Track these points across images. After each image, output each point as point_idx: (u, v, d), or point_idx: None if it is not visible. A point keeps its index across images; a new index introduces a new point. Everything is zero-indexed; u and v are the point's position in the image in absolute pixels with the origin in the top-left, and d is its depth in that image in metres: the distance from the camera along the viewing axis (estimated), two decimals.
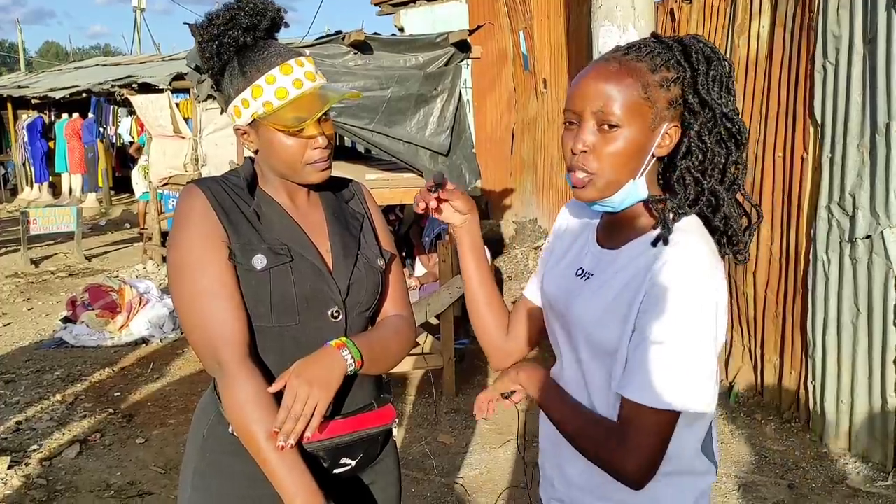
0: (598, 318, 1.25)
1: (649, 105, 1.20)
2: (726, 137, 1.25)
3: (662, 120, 1.22)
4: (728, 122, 1.24)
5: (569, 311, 1.32)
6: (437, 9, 11.75)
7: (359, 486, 1.55)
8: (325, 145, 1.43)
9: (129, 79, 11.89)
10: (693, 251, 1.19)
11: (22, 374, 5.07)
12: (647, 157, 1.23)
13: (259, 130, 1.43)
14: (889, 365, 3.32)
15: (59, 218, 8.85)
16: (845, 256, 3.48)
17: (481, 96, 10.84)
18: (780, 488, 3.35)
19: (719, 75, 1.24)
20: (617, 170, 1.23)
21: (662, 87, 1.21)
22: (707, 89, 1.23)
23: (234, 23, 1.40)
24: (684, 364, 1.15)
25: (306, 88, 1.40)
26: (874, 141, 3.27)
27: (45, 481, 3.55)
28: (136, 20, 26.20)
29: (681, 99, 1.23)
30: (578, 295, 1.31)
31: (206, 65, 1.46)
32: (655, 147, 1.24)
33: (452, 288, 4.44)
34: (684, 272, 1.16)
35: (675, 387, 1.14)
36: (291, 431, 1.30)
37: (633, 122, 1.20)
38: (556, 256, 1.44)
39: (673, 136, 1.24)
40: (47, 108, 15.92)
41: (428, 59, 4.36)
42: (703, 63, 1.23)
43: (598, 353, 1.27)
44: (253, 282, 1.40)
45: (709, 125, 1.25)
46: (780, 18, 3.88)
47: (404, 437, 3.97)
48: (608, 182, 1.23)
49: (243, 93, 1.41)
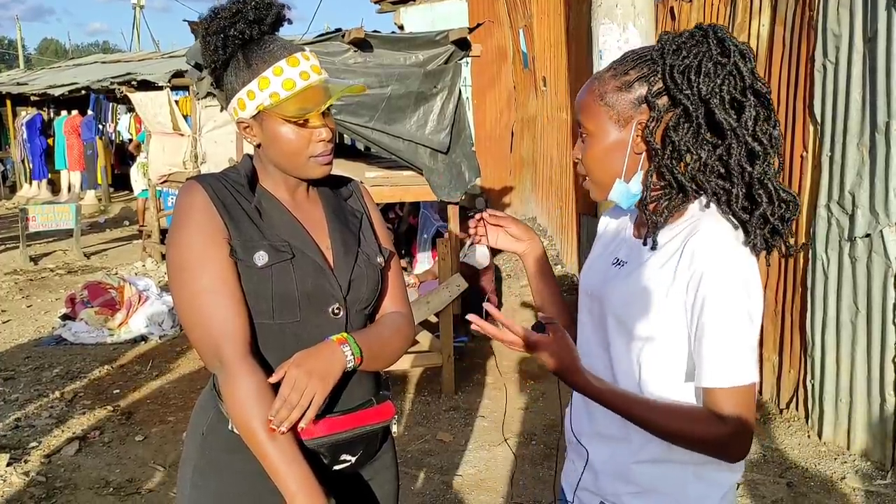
0: (628, 301, 1.30)
1: (607, 109, 1.29)
2: (704, 127, 1.23)
3: (629, 120, 1.28)
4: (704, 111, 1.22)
5: (603, 296, 1.37)
6: (437, 6, 11.75)
7: (359, 482, 1.55)
8: (328, 138, 1.44)
9: (129, 76, 11.87)
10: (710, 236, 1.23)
11: (21, 372, 5.07)
12: (626, 157, 1.30)
13: (263, 123, 1.43)
14: (888, 364, 3.33)
15: (58, 215, 8.85)
16: (845, 255, 3.48)
17: (481, 94, 10.84)
18: (778, 487, 3.35)
19: (692, 65, 1.22)
20: (598, 172, 1.34)
21: (622, 90, 1.28)
22: (676, 82, 1.23)
23: (240, 16, 1.40)
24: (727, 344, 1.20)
25: (312, 81, 1.40)
26: (874, 140, 3.27)
27: (44, 478, 3.55)
28: (136, 17, 26.21)
29: (651, 96, 1.25)
30: (612, 280, 1.36)
31: (209, 58, 1.45)
32: (632, 146, 1.29)
33: (452, 286, 4.44)
34: (708, 258, 1.21)
35: (729, 364, 1.20)
36: (286, 419, 1.30)
37: (597, 128, 1.31)
38: (596, 253, 1.50)
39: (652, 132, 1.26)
40: (46, 106, 15.90)
41: (428, 57, 4.35)
42: (671, 55, 1.24)
43: (627, 336, 1.31)
44: (254, 278, 1.40)
45: (682, 118, 1.24)
46: (780, 17, 3.88)
47: (403, 434, 3.98)
48: (597, 184, 1.35)
49: (249, 84, 1.40)
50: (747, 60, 1.22)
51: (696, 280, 1.22)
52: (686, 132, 1.24)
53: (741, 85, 1.22)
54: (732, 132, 1.22)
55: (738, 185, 1.24)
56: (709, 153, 1.24)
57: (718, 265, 1.21)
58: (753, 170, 1.23)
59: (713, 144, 1.24)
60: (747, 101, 1.22)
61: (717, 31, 1.23)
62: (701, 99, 1.22)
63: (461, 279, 4.46)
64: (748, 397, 1.22)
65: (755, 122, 1.22)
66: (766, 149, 1.23)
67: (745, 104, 1.22)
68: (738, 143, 1.22)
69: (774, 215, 1.24)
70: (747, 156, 1.23)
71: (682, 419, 1.25)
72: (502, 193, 9.88)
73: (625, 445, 1.34)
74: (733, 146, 1.22)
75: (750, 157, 1.23)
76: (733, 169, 1.23)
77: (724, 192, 1.25)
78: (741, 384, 1.21)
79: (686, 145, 1.24)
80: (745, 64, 1.22)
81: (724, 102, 1.21)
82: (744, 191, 1.24)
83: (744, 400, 1.21)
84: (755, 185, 1.24)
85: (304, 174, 1.47)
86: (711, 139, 1.24)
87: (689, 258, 1.23)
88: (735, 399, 1.21)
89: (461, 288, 4.46)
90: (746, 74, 1.21)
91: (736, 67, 1.21)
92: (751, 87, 1.22)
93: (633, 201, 1.32)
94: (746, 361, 1.21)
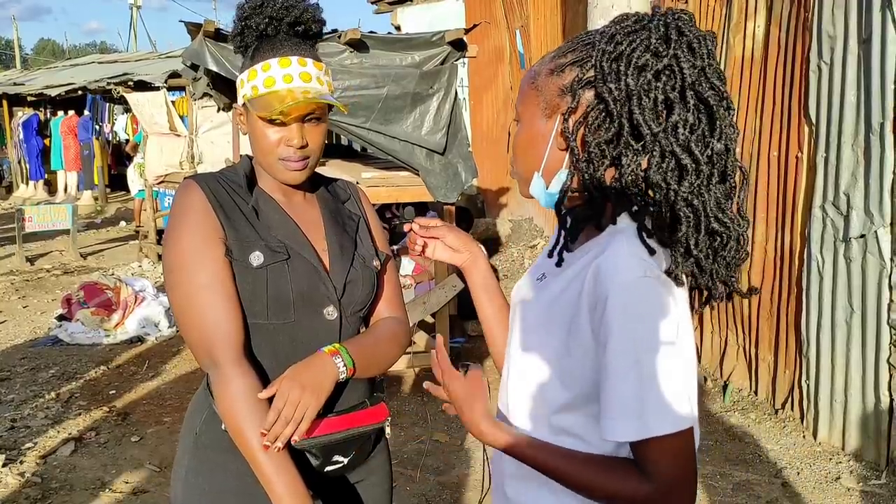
0: (537, 322, 1.15)
1: (536, 93, 1.13)
2: (628, 130, 1.03)
3: (554, 110, 1.11)
4: (627, 110, 1.03)
5: (516, 316, 1.22)
6: (434, 7, 11.76)
7: (347, 487, 1.55)
8: (298, 146, 1.42)
9: (126, 76, 11.88)
10: (615, 257, 1.03)
11: (17, 372, 5.06)
12: (546, 151, 1.12)
13: (248, 114, 1.46)
14: (882, 364, 3.33)
15: (55, 216, 8.83)
16: (839, 256, 3.49)
17: (478, 95, 10.84)
18: (773, 486, 3.36)
19: (623, 53, 1.02)
20: (519, 163, 1.18)
21: (553, 74, 1.11)
22: (603, 72, 1.03)
23: (260, 10, 1.44)
24: (638, 386, 1.00)
25: (294, 85, 1.39)
26: (868, 141, 3.28)
27: (39, 479, 3.55)
28: (133, 17, 26.19)
29: (577, 85, 1.07)
30: (526, 297, 1.21)
31: (232, 42, 1.52)
32: (554, 141, 1.12)
33: (448, 287, 4.45)
34: (612, 281, 1.01)
35: (639, 412, 1.01)
36: (279, 435, 1.31)
37: (524, 113, 1.16)
38: (535, 263, 1.30)
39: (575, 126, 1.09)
40: (43, 106, 15.87)
41: (424, 58, 4.35)
42: (605, 40, 1.05)
43: (532, 367, 1.14)
44: (249, 279, 1.40)
45: (603, 116, 1.05)
46: (775, 18, 3.89)
47: (399, 435, 3.98)
48: (519, 175, 1.20)
49: (243, 74, 1.44)
50: (697, 55, 1.01)
51: (601, 306, 1.02)
52: (605, 133, 1.05)
53: (679, 84, 1.01)
54: (653, 139, 1.01)
55: (661, 204, 1.03)
56: (629, 162, 1.03)
57: (623, 292, 1.00)
58: (680, 188, 1.02)
59: (635, 152, 1.03)
60: (679, 104, 1.01)
61: (670, 15, 1.03)
62: (627, 95, 1.02)
63: (457, 280, 4.47)
64: (677, 447, 1.02)
65: (688, 129, 1.01)
66: (699, 164, 1.01)
67: (674, 107, 1.01)
68: (663, 153, 1.02)
69: (698, 246, 1.03)
70: (676, 170, 1.02)
71: (597, 470, 1.06)
72: (499, 194, 9.89)
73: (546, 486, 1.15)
74: (655, 156, 1.02)
75: (678, 172, 1.02)
76: (654, 183, 1.03)
77: (643, 210, 1.06)
78: (660, 434, 1.00)
79: (601, 149, 1.05)
80: (693, 58, 1.01)
81: (651, 102, 1.01)
82: (667, 211, 1.03)
83: (672, 452, 1.01)
84: (679, 205, 1.02)
85: (274, 175, 1.47)
86: (635, 145, 1.03)
87: (593, 279, 1.03)
88: (660, 453, 1.01)
89: (457, 288, 4.46)
90: (688, 71, 1.00)
91: (676, 61, 1.01)
92: (692, 88, 1.01)
93: (550, 202, 1.15)
94: (666, 405, 1.00)
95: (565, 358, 1.09)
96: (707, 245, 1.04)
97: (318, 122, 1.45)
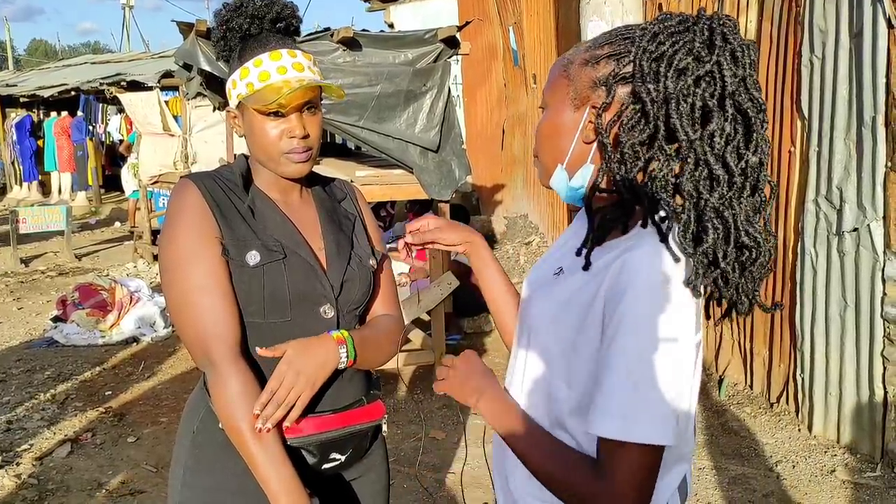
0: (548, 318, 1.13)
1: (568, 82, 1.10)
2: (663, 134, 1.02)
3: (585, 101, 1.09)
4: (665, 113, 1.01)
5: (527, 310, 1.21)
6: (427, 5, 11.74)
7: (344, 485, 1.56)
8: (301, 136, 1.42)
9: (119, 77, 11.85)
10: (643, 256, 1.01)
11: (12, 374, 5.05)
12: (573, 143, 1.10)
13: (244, 114, 1.45)
14: (877, 357, 3.35)
15: (49, 217, 8.82)
16: (833, 250, 3.50)
17: (471, 92, 10.84)
18: (769, 480, 3.37)
19: (665, 54, 1.00)
20: (543, 152, 1.16)
21: (587, 64, 1.08)
22: (643, 71, 1.01)
23: (240, 10, 1.44)
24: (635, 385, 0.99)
25: (289, 76, 1.40)
26: (861, 135, 3.29)
27: (36, 481, 3.54)
28: (125, 18, 26.10)
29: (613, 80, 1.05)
30: (541, 291, 1.19)
31: (215, 47, 1.52)
32: (582, 133, 1.09)
33: (444, 284, 4.45)
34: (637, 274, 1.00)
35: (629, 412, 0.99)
36: (271, 416, 1.31)
37: (554, 101, 1.13)
38: (549, 252, 1.30)
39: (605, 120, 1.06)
40: (36, 107, 15.83)
41: (417, 56, 4.35)
42: (648, 38, 1.02)
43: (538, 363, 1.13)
44: (245, 278, 1.40)
45: (639, 116, 1.03)
46: (766, 13, 3.90)
47: (396, 432, 3.98)
48: (542, 166, 1.17)
49: (234, 74, 1.44)
50: (739, 64, 0.99)
51: (618, 298, 1.00)
52: (640, 134, 1.02)
53: (719, 92, 0.99)
54: (689, 145, 0.99)
55: (690, 212, 1.01)
56: (661, 166, 1.02)
57: (644, 292, 0.99)
58: (711, 197, 1.00)
59: (668, 156, 1.02)
60: (717, 113, 0.99)
61: (715, 19, 1.00)
62: (665, 98, 1.00)
63: (452, 277, 4.47)
64: (645, 460, 0.98)
65: (724, 139, 0.99)
66: (733, 176, 0.99)
67: (712, 115, 0.99)
68: (697, 161, 1.00)
69: (726, 258, 1.01)
70: (708, 179, 1.00)
71: (558, 460, 1.06)
72: (494, 191, 9.89)
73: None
74: (689, 163, 1.00)
75: (710, 182, 1.00)
76: (685, 190, 1.01)
77: (671, 216, 1.03)
78: (637, 441, 0.97)
79: (635, 150, 1.03)
80: (735, 67, 0.99)
81: (689, 108, 0.99)
82: (695, 220, 1.01)
83: (639, 462, 0.98)
84: (708, 214, 1.00)
85: (278, 171, 1.47)
86: (668, 150, 1.02)
87: (617, 273, 1.01)
88: (627, 458, 0.98)
89: (453, 286, 4.47)
90: (730, 80, 0.98)
91: (718, 68, 0.98)
92: (732, 97, 0.99)
93: (572, 197, 1.13)
94: (654, 416, 0.97)
95: (573, 356, 1.08)
96: (734, 258, 1.01)
97: (315, 112, 1.46)
